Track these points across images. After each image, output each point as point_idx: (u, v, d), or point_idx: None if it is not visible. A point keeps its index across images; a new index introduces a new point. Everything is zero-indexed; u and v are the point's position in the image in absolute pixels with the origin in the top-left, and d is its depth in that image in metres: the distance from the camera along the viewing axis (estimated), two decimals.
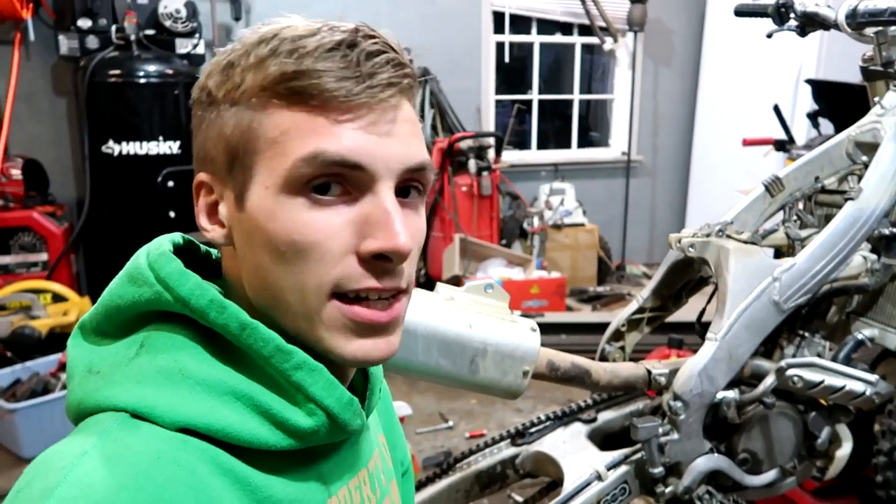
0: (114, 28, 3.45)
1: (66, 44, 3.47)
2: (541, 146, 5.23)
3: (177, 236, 0.57)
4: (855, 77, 1.64)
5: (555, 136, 5.41)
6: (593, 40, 4.95)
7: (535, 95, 5.10)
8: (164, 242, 0.55)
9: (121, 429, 0.46)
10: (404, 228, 0.49)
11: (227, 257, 0.55)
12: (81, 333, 0.54)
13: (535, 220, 4.61)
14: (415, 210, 0.54)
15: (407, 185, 0.52)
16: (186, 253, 0.57)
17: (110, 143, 3.44)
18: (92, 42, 3.47)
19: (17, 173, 3.41)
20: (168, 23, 3.54)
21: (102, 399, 0.48)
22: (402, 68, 0.51)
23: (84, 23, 3.46)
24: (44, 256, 3.41)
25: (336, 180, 0.49)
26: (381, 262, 0.50)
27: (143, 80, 3.46)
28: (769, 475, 1.32)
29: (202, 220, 0.54)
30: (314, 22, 0.51)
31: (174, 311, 0.51)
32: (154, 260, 0.52)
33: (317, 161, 0.48)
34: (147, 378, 0.49)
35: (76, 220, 3.64)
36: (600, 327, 1.56)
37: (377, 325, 0.51)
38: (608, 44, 4.86)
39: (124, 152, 3.45)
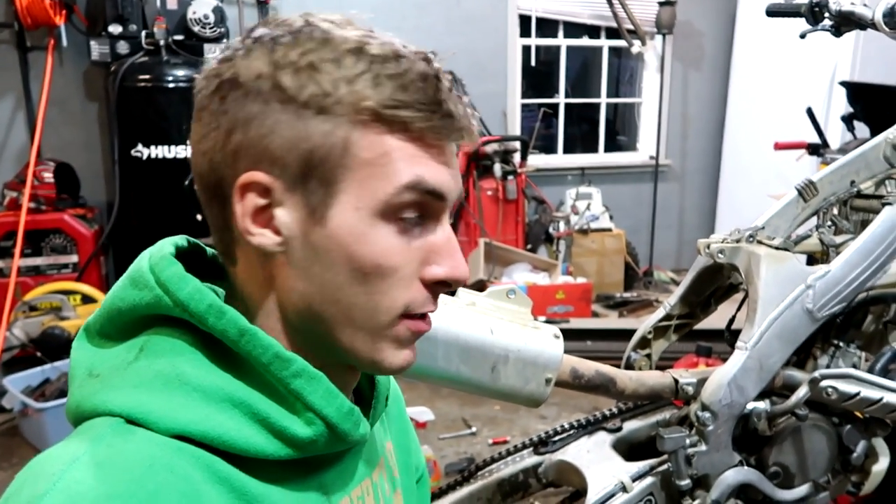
0: (143, 33, 3.51)
1: (97, 49, 3.54)
2: (567, 150, 5.19)
3: (181, 239, 0.56)
4: (892, 78, 1.59)
5: (582, 140, 5.36)
6: (621, 43, 4.89)
7: (561, 99, 5.06)
8: (167, 245, 0.53)
9: (114, 434, 0.45)
10: (463, 258, 0.54)
11: (251, 263, 0.52)
12: (86, 335, 0.53)
13: (561, 225, 4.57)
14: None
15: None
16: (192, 256, 0.56)
17: (139, 146, 3.49)
18: (122, 47, 3.53)
19: (49, 177, 3.47)
20: (196, 28, 3.59)
21: (99, 403, 0.48)
22: (471, 110, 0.53)
23: (115, 28, 3.52)
24: (74, 258, 3.46)
25: (420, 210, 0.51)
26: (442, 288, 0.53)
27: (171, 85, 3.50)
28: (801, 490, 1.27)
29: (247, 222, 0.49)
30: (380, 34, 0.51)
31: (175, 316, 0.50)
32: (155, 263, 0.51)
33: (417, 189, 0.49)
34: (144, 383, 0.48)
35: (106, 223, 3.70)
36: (626, 334, 1.52)
37: (420, 335, 0.55)
38: (636, 47, 4.80)
39: (153, 156, 3.50)
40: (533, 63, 4.80)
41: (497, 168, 4.22)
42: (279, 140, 0.48)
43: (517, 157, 4.38)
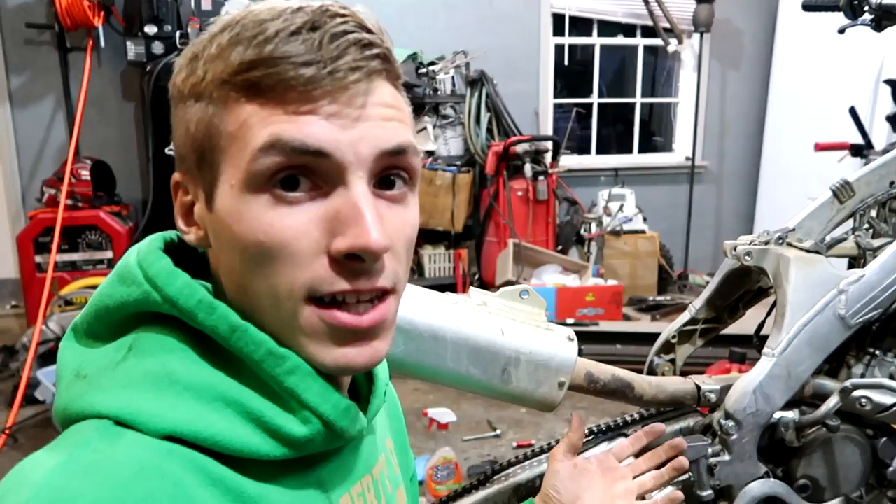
0: (178, 34, 3.56)
1: (133, 49, 3.61)
2: (601, 151, 5.11)
3: (171, 234, 0.54)
4: None
5: (616, 140, 5.28)
6: (657, 42, 4.80)
7: (594, 99, 4.99)
8: (155, 240, 0.52)
9: (101, 438, 0.44)
10: (377, 224, 0.45)
11: (211, 258, 0.52)
12: (74, 335, 0.52)
13: (593, 226, 4.50)
14: (401, 202, 0.49)
15: (389, 175, 0.48)
16: (182, 251, 0.54)
17: (172, 145, 3.55)
18: (157, 48, 3.59)
19: (86, 174, 3.56)
20: None
21: (87, 405, 0.46)
22: (371, 48, 0.46)
23: (150, 29, 3.59)
24: (109, 254, 3.54)
25: (302, 173, 0.45)
26: (354, 263, 0.46)
27: None
28: None
29: (179, 222, 0.52)
30: (283, 3, 0.47)
31: (164, 313, 0.48)
32: (143, 258, 0.49)
33: (275, 149, 0.44)
34: (133, 383, 0.46)
35: (140, 220, 3.77)
36: (657, 338, 1.48)
37: (358, 331, 0.48)
38: (672, 45, 4.71)
39: None
40: (566, 62, 4.74)
41: (528, 168, 4.17)
42: (180, 137, 0.49)
43: (548, 158, 4.34)
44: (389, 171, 0.48)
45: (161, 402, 0.45)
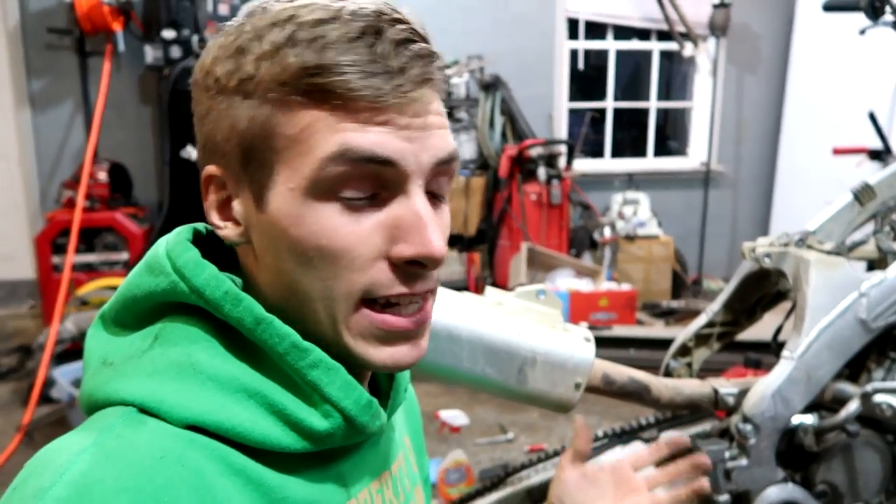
0: (196, 38, 3.59)
1: (151, 53, 3.65)
2: (615, 155, 5.10)
3: (200, 225, 0.55)
4: None
5: (631, 144, 5.26)
6: (672, 46, 4.78)
7: (609, 103, 4.98)
8: (184, 231, 0.53)
9: (125, 425, 0.44)
10: (438, 232, 0.47)
11: (243, 253, 0.52)
12: (102, 323, 0.52)
13: (606, 231, 4.48)
14: (442, 205, 0.51)
15: (436, 181, 0.50)
16: (210, 244, 0.55)
17: (188, 148, 3.58)
18: (175, 52, 3.63)
19: (103, 176, 3.59)
20: None
21: (112, 392, 0.46)
22: (433, 60, 0.47)
23: (168, 33, 3.63)
24: (125, 256, 3.57)
25: (366, 181, 0.46)
26: (414, 268, 0.48)
27: None
28: None
29: (213, 217, 0.51)
30: (346, 2, 0.46)
31: (191, 303, 0.48)
32: (171, 249, 0.50)
33: (344, 159, 0.45)
34: (158, 371, 0.46)
35: (156, 222, 3.80)
36: (671, 343, 1.46)
37: (408, 332, 0.50)
38: (688, 50, 4.69)
39: None
40: (581, 66, 4.74)
41: (541, 172, 4.16)
42: (220, 131, 0.48)
43: (562, 162, 4.33)
44: (438, 177, 0.49)
45: (185, 391, 0.45)
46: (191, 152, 3.59)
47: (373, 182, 0.46)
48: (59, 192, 3.69)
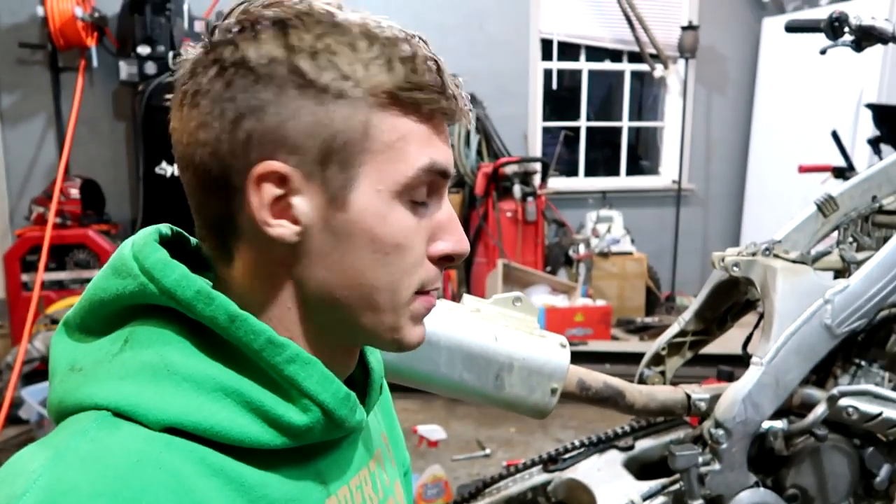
0: (171, 54, 3.58)
1: (125, 69, 3.62)
2: (589, 173, 5.16)
3: (164, 227, 0.54)
4: None
5: (604, 163, 5.34)
6: (643, 67, 4.88)
7: (583, 122, 5.06)
8: (150, 232, 0.51)
9: (99, 429, 0.43)
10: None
11: (257, 256, 0.50)
12: (66, 330, 0.51)
13: (581, 248, 4.53)
14: None
15: None
16: (175, 245, 0.54)
17: (163, 164, 3.55)
18: (150, 68, 3.61)
19: (75, 193, 3.54)
20: None
21: (84, 397, 0.46)
22: (459, 87, 0.54)
23: (143, 49, 3.61)
24: (97, 273, 3.51)
25: (428, 188, 0.52)
26: (447, 262, 0.55)
27: None
28: None
29: (264, 214, 0.48)
30: (382, 20, 0.51)
31: (160, 305, 0.48)
32: (138, 250, 0.49)
33: (430, 170, 0.51)
34: (131, 374, 0.46)
35: None
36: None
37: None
38: (658, 71, 4.80)
39: (176, 174, 3.55)
40: (555, 86, 4.81)
41: (517, 189, 4.21)
42: (298, 126, 0.47)
43: (537, 179, 4.38)
44: None
45: (160, 393, 0.45)
46: (166, 168, 3.56)
47: (429, 187, 0.52)
48: (29, 208, 3.62)
